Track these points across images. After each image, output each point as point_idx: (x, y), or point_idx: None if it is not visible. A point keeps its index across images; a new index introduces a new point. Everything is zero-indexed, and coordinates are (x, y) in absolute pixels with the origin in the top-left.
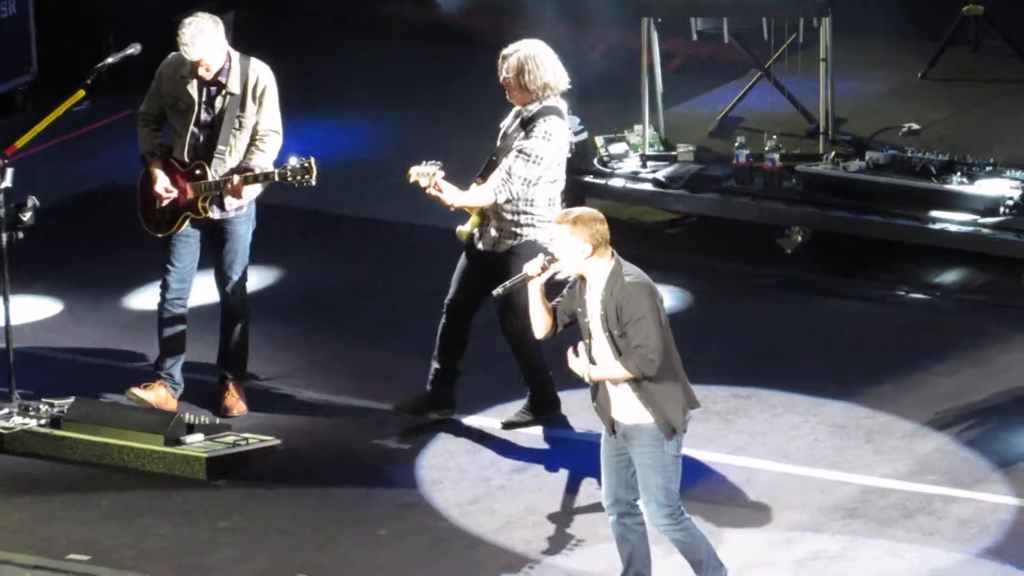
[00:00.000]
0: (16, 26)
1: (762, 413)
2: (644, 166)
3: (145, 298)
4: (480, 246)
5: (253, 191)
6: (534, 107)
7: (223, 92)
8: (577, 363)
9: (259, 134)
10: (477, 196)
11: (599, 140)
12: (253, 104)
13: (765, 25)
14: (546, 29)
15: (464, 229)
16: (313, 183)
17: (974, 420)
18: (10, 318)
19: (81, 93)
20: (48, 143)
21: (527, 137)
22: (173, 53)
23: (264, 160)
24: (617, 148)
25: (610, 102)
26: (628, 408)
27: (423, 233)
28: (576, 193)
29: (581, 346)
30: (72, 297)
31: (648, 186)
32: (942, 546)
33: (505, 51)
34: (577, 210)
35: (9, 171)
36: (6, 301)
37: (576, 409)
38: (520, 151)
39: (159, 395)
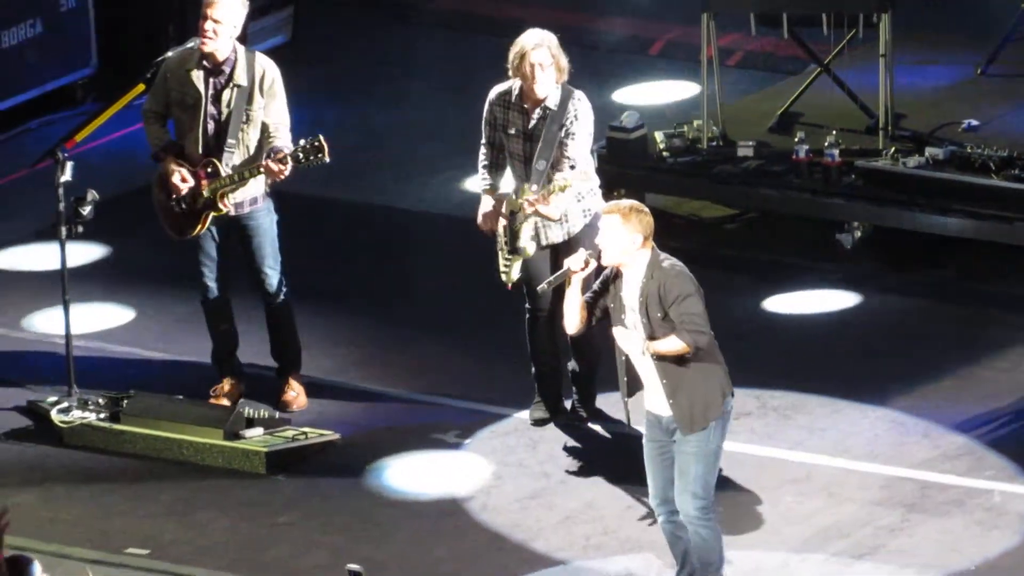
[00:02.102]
0: (76, 19)
1: (821, 408)
2: (704, 161)
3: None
4: (550, 240)
5: (264, 181)
6: (556, 93)
7: (231, 84)
8: (629, 337)
9: (270, 129)
10: (579, 185)
11: (659, 135)
12: (261, 97)
13: (825, 20)
14: (605, 24)
15: (528, 249)
16: (327, 160)
17: None
18: (69, 311)
19: (141, 87)
20: (108, 137)
21: (572, 122)
22: (171, 53)
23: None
24: (677, 143)
25: (669, 97)
26: (663, 399)
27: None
28: (634, 188)
29: (625, 327)
30: (131, 291)
31: (707, 181)
32: (1001, 541)
33: (531, 41)
34: (626, 201)
35: (69, 165)
36: (65, 294)
37: (634, 405)
38: (575, 136)
39: (229, 392)
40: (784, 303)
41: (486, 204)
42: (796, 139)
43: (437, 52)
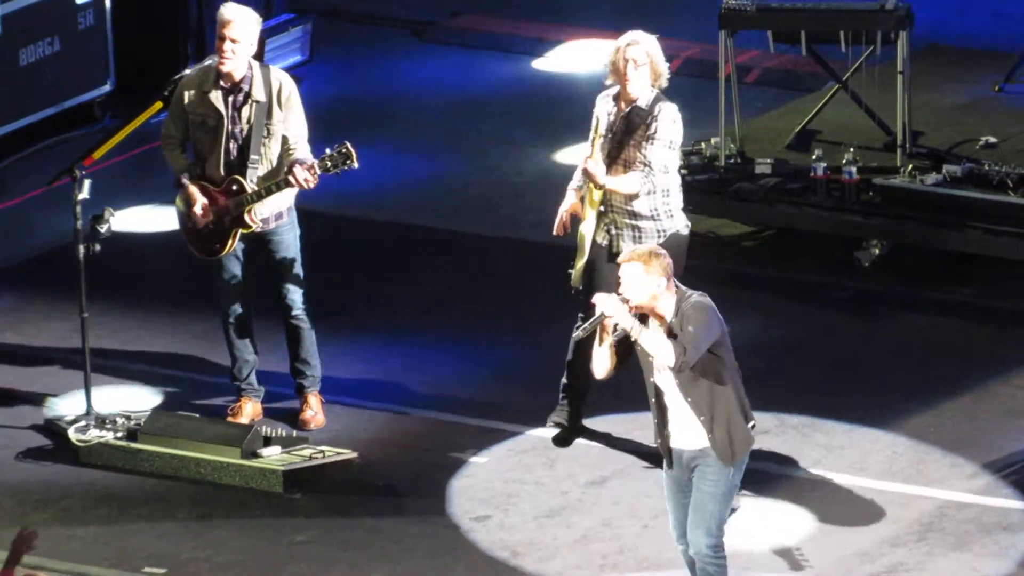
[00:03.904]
0: (94, 37)
1: (839, 426)
2: (721, 178)
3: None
4: (619, 249)
5: (291, 192)
6: (648, 95)
7: (249, 101)
8: (615, 306)
9: (290, 142)
10: (626, 181)
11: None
12: (280, 111)
13: (843, 38)
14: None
15: (577, 269)
16: (356, 166)
17: None
18: (87, 330)
19: (159, 105)
20: (126, 155)
21: (655, 124)
22: (188, 71)
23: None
24: (694, 160)
25: (687, 114)
26: (692, 433)
27: (498, 246)
28: None
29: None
30: (149, 308)
31: (725, 199)
32: (1019, 561)
33: (628, 39)
34: (643, 247)
35: (87, 182)
36: (84, 313)
37: (650, 423)
38: (655, 139)
39: (247, 411)
40: (802, 321)
41: (568, 201)
42: (814, 156)
43: (454, 69)
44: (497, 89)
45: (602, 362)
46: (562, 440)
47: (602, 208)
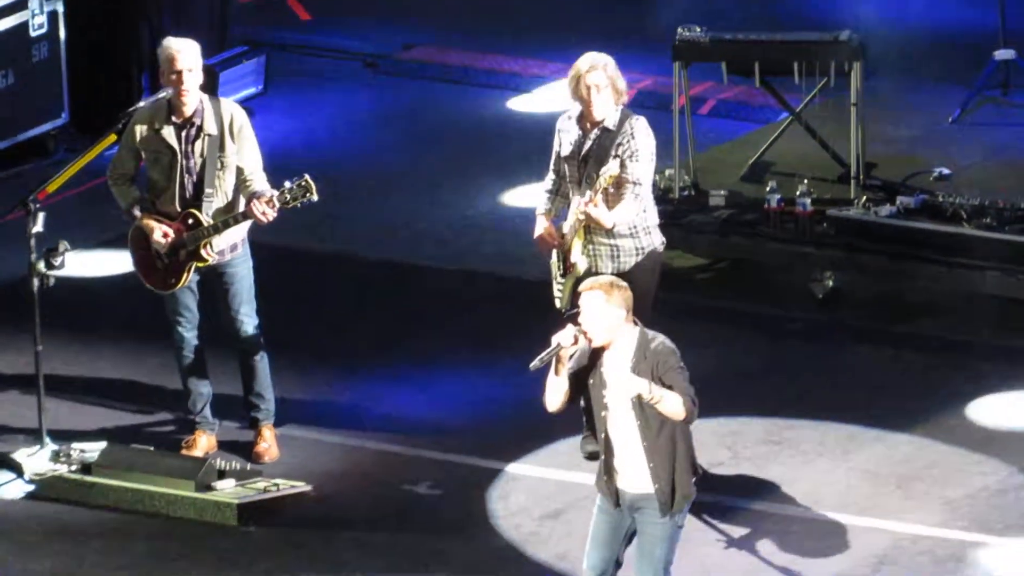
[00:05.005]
0: (48, 70)
1: (793, 459)
2: (676, 210)
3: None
4: (600, 271)
5: (245, 226)
6: (614, 115)
7: (202, 135)
8: (632, 380)
9: (246, 175)
10: (625, 211)
11: None
12: (232, 143)
13: (796, 70)
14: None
15: (580, 265)
16: (315, 199)
17: (1005, 466)
18: (41, 364)
19: (113, 138)
20: (80, 188)
21: (632, 142)
22: (142, 104)
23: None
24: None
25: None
26: (639, 476)
27: (453, 278)
28: None
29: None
30: (104, 342)
31: (679, 231)
32: None
33: (586, 63)
34: (603, 278)
35: (41, 215)
36: (38, 346)
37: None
38: (637, 156)
39: (201, 444)
40: (755, 352)
41: (540, 226)
42: (768, 188)
43: (408, 101)
44: (450, 122)
45: (556, 394)
46: (595, 456)
47: (573, 226)
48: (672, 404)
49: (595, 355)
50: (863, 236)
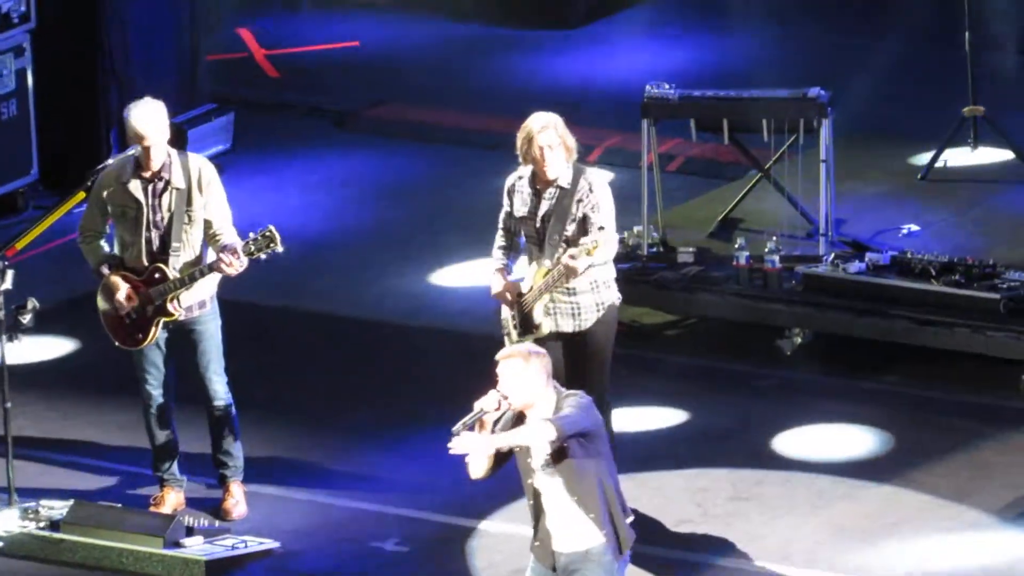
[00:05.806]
0: (17, 128)
1: (761, 516)
2: (644, 267)
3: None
4: (560, 328)
5: (213, 281)
6: (567, 172)
7: (169, 188)
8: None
9: (214, 229)
10: (608, 248)
11: None
12: (200, 196)
13: (765, 127)
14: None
15: (544, 326)
16: (280, 249)
17: (972, 522)
18: (9, 421)
19: (82, 195)
20: (48, 245)
21: (592, 197)
22: (111, 161)
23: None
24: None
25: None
26: (575, 534)
27: (420, 335)
28: None
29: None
30: (70, 400)
31: (647, 287)
32: None
33: (537, 124)
34: (522, 345)
35: (9, 273)
36: (6, 403)
37: None
38: (600, 207)
39: (170, 501)
40: (724, 409)
41: (496, 283)
42: (736, 245)
43: (375, 159)
44: (417, 178)
45: (480, 461)
46: None
47: (541, 286)
48: (524, 433)
49: (519, 421)
50: (832, 293)
